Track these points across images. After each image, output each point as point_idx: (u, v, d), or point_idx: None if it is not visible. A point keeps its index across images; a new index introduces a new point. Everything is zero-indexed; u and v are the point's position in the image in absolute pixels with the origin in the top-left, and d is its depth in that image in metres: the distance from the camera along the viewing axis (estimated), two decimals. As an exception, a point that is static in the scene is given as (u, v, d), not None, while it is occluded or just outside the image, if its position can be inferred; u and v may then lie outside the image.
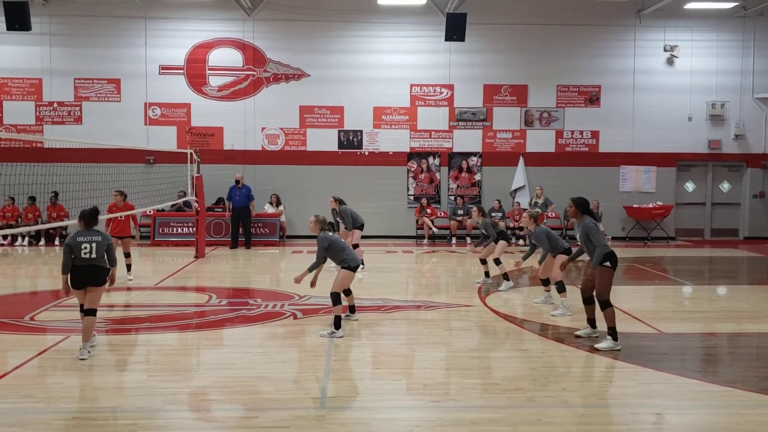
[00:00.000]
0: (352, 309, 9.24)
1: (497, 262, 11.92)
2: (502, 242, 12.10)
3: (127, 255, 12.04)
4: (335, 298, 8.41)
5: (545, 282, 10.35)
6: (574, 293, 9.96)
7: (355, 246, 13.17)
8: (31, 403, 5.92)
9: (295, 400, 6.08)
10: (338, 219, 13.79)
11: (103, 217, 10.27)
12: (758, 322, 9.51)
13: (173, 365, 7.16)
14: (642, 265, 15.16)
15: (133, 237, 12.32)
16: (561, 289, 9.81)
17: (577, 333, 8.39)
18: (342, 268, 8.63)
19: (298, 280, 8.65)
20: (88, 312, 7.37)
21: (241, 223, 17.41)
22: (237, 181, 17.61)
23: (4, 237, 17.54)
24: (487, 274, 12.37)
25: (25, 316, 9.22)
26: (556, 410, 5.84)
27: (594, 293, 8.03)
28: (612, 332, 7.78)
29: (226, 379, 6.71)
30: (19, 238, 17.88)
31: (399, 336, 8.43)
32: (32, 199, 17.66)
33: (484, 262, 12.37)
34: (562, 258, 9.75)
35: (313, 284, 8.89)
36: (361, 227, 13.73)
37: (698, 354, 8.07)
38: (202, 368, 7.20)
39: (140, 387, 6.39)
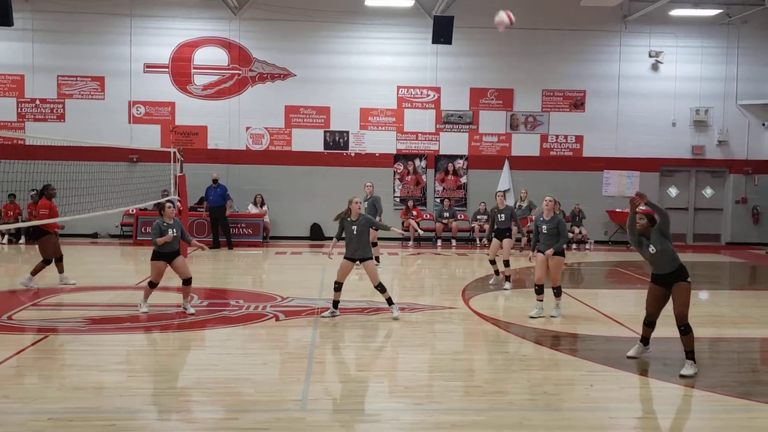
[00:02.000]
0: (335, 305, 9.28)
1: (507, 263, 12.03)
2: (507, 240, 12.20)
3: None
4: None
5: (539, 290, 9.87)
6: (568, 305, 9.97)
7: (374, 244, 13.14)
8: (7, 404, 5.83)
9: (276, 402, 6.03)
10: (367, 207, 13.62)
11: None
12: (739, 327, 9.59)
13: (153, 366, 7.09)
14: (624, 269, 15.23)
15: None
16: (557, 293, 9.82)
17: (629, 353, 7.74)
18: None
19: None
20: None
21: (219, 224, 17.24)
22: (214, 181, 17.47)
23: (-16, 234, 17.32)
24: (497, 272, 12.44)
25: (3, 315, 9.09)
26: (537, 413, 5.83)
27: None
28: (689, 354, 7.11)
29: (206, 381, 6.65)
30: (-1, 236, 17.67)
31: (382, 338, 8.40)
32: (12, 196, 17.45)
33: (493, 261, 12.43)
34: (550, 256, 9.81)
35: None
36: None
37: (679, 358, 8.08)
38: (182, 369, 7.13)
39: (119, 387, 6.31)
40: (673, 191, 20.93)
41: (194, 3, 18.98)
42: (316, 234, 19.34)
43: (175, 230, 9.31)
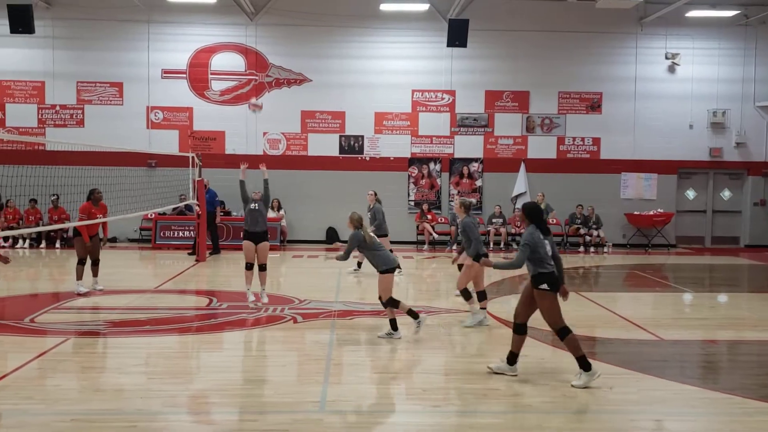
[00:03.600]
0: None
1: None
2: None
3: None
4: (391, 302, 8.36)
5: (466, 295, 9.47)
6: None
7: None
8: (30, 405, 5.91)
9: (294, 404, 6.07)
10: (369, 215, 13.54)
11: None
12: (759, 330, 9.50)
13: (173, 368, 7.16)
14: (642, 272, 15.15)
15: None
16: (467, 296, 9.44)
17: (490, 366, 7.17)
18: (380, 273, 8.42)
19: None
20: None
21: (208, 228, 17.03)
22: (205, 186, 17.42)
23: (5, 239, 17.56)
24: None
25: (26, 318, 9.21)
26: (555, 416, 5.83)
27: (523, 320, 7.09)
28: (580, 361, 6.67)
29: (225, 382, 6.71)
30: (20, 240, 17.89)
31: (399, 341, 8.41)
32: (33, 201, 17.67)
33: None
34: (477, 266, 9.31)
35: None
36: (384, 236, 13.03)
37: (698, 361, 8.06)
38: (201, 371, 7.20)
39: (140, 389, 6.39)
40: (690, 194, 20.77)
41: (211, 9, 19.14)
42: (332, 238, 19.40)
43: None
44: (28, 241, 17.90)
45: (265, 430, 5.45)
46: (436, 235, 18.78)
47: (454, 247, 14.48)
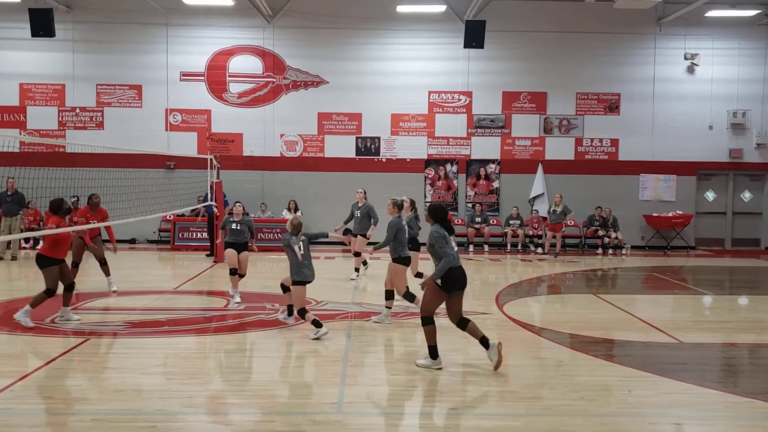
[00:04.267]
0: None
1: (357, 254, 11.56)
2: (415, 253, 11.03)
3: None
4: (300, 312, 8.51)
5: (389, 295, 9.45)
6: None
7: (357, 254, 13.05)
8: (51, 405, 5.99)
9: (311, 405, 6.09)
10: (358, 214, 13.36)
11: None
12: (780, 333, 9.38)
13: (191, 368, 7.21)
14: (661, 274, 15.03)
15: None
16: (410, 298, 9.47)
17: (418, 362, 7.36)
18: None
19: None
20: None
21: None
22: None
23: (27, 240, 17.76)
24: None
25: (46, 318, 9.31)
26: (574, 419, 5.80)
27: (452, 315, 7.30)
28: (431, 350, 7.16)
29: (243, 383, 6.75)
30: (41, 242, 18.05)
31: (415, 342, 8.41)
32: (54, 203, 17.83)
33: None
34: (397, 267, 9.38)
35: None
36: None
37: (719, 364, 7.98)
38: (219, 372, 7.24)
39: (159, 390, 6.44)
40: (710, 195, 20.57)
41: (229, 12, 19.26)
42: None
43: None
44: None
45: (282, 431, 5.47)
46: (452, 237, 18.68)
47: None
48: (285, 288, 9.02)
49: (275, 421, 5.66)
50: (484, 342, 7.19)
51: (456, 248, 7.15)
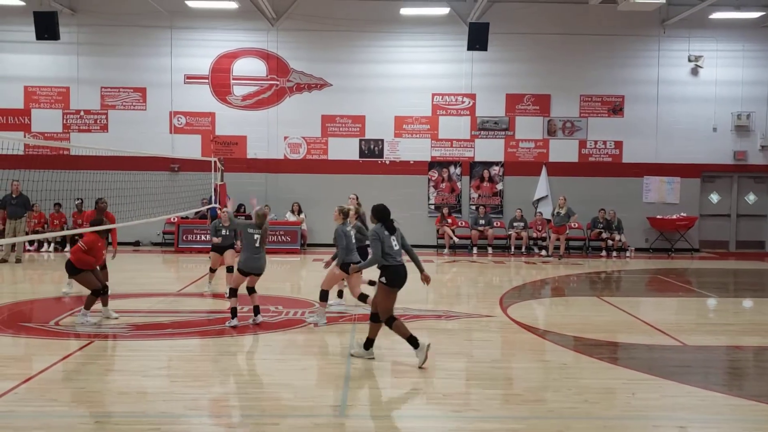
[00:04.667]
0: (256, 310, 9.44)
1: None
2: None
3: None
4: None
5: (323, 296, 9.38)
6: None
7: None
8: (55, 407, 6.00)
9: (315, 408, 6.09)
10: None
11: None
12: (785, 335, 9.35)
13: (195, 371, 7.21)
14: (665, 277, 15.00)
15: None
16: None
17: (351, 352, 7.80)
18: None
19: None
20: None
21: None
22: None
23: (31, 243, 17.80)
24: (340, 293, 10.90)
25: (51, 320, 9.34)
26: (577, 422, 5.79)
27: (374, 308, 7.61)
28: (367, 342, 7.63)
29: (246, 386, 6.76)
30: (45, 244, 18.13)
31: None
32: (58, 205, 17.91)
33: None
34: (336, 272, 9.26)
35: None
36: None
37: (723, 367, 7.96)
38: (223, 374, 7.24)
39: (162, 392, 6.45)
40: (714, 197, 20.53)
41: (232, 15, 19.31)
42: (353, 241, 19.41)
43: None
44: (53, 244, 18.14)
45: (286, 433, 5.48)
46: (456, 239, 18.73)
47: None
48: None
49: (278, 424, 5.66)
50: (413, 341, 7.39)
51: (396, 247, 7.45)
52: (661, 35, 19.74)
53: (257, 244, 9.07)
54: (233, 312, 9.12)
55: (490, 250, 18.82)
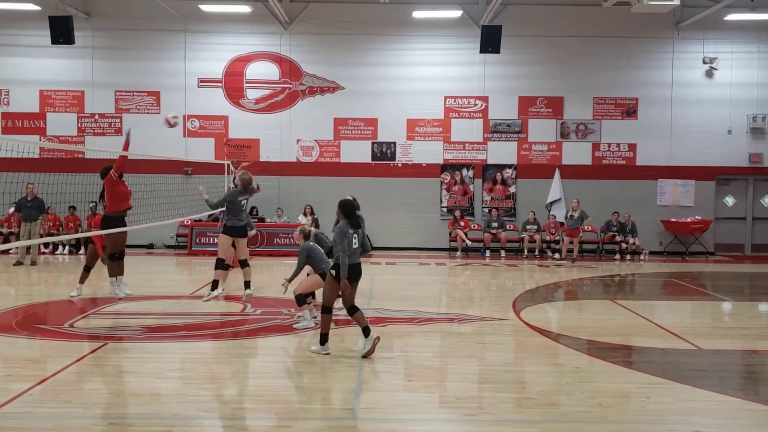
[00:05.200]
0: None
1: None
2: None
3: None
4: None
5: (300, 300, 9.20)
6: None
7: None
8: (69, 409, 6.02)
9: (327, 410, 6.09)
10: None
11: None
12: (802, 339, 9.25)
13: (208, 373, 7.23)
14: (680, 280, 14.89)
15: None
16: (300, 302, 9.28)
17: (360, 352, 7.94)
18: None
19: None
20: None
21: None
22: None
23: (46, 245, 17.94)
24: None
25: (65, 323, 9.39)
26: (591, 426, 5.75)
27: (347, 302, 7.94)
28: (322, 337, 7.88)
29: (259, 388, 6.76)
30: (60, 247, 18.27)
31: (432, 348, 8.40)
32: (72, 208, 18.04)
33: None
34: (318, 278, 9.15)
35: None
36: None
37: (739, 371, 7.88)
38: (235, 377, 7.26)
39: (175, 394, 6.47)
40: (729, 200, 20.36)
41: (246, 19, 19.39)
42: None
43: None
44: (67, 247, 18.27)
45: (298, 436, 5.48)
46: (469, 242, 18.69)
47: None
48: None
49: (291, 427, 5.66)
50: (366, 331, 7.83)
51: (357, 245, 7.73)
52: (675, 37, 19.63)
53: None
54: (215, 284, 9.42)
55: (503, 253, 18.77)
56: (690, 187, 19.90)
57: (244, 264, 11.18)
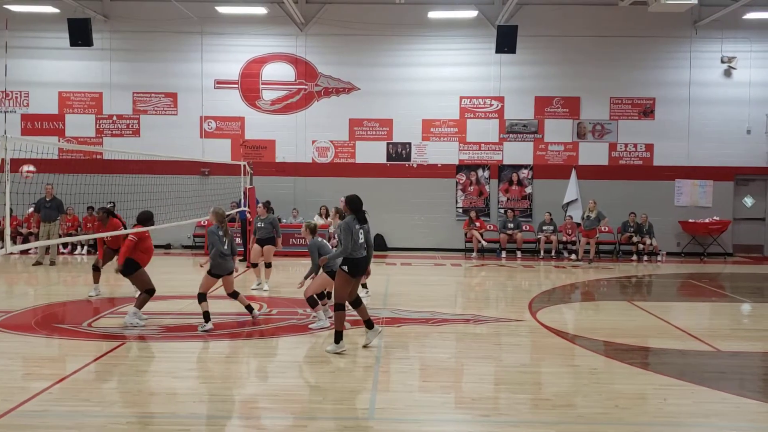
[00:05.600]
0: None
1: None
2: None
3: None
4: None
5: (312, 302, 9.22)
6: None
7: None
8: (87, 407, 6.08)
9: (343, 410, 6.10)
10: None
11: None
12: (822, 342, 9.14)
13: (224, 373, 7.27)
14: (698, 282, 14.76)
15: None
16: (312, 304, 9.28)
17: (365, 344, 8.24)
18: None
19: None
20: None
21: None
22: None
23: (65, 245, 18.11)
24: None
25: (84, 322, 9.48)
26: (608, 427, 5.71)
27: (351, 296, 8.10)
28: (336, 336, 7.95)
29: (275, 388, 6.79)
30: (78, 247, 18.44)
31: (447, 349, 8.38)
32: (91, 209, 18.19)
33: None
34: (325, 277, 9.08)
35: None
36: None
37: (758, 374, 7.80)
38: (252, 376, 7.30)
39: (192, 393, 6.51)
40: (748, 201, 20.14)
41: (262, 20, 19.48)
42: (380, 245, 19.43)
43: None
44: (86, 247, 18.44)
45: (314, 436, 5.49)
46: (485, 243, 18.64)
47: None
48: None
49: (307, 426, 5.68)
50: (369, 324, 8.10)
51: (362, 239, 7.88)
52: (693, 36, 19.46)
53: (226, 246, 9.54)
54: (206, 315, 9.16)
55: (518, 254, 18.69)
56: (708, 188, 19.71)
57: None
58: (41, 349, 8.27)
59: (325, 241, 9.73)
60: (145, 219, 9.81)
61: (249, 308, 9.65)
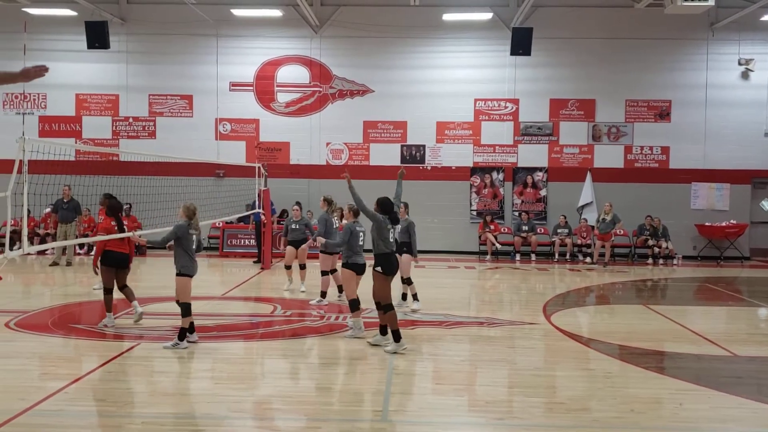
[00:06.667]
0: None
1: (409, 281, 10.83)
2: (406, 255, 10.78)
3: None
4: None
5: (354, 305, 8.88)
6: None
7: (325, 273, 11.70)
8: (103, 407, 6.13)
9: (356, 412, 6.11)
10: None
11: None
12: (841, 347, 9.02)
13: (239, 374, 7.30)
14: (714, 286, 14.63)
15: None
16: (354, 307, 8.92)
17: (368, 340, 8.46)
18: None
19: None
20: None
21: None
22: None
23: (81, 246, 18.26)
24: (404, 296, 11.12)
25: (99, 323, 9.54)
26: (623, 431, 5.68)
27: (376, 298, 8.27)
28: (394, 334, 8.04)
29: (289, 389, 6.81)
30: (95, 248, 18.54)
31: (461, 352, 8.37)
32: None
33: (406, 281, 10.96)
34: (345, 272, 8.95)
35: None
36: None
37: (776, 379, 7.72)
38: (266, 377, 7.32)
39: (206, 394, 6.54)
40: (766, 204, 19.91)
41: (277, 23, 19.55)
42: (395, 247, 19.39)
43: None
44: (101, 248, 18.54)
45: (328, 437, 5.50)
46: (498, 246, 18.58)
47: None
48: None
49: (320, 428, 5.69)
50: (384, 330, 8.28)
51: (392, 239, 8.32)
52: (710, 38, 19.30)
53: (195, 245, 8.87)
54: (190, 328, 8.45)
55: (533, 257, 18.61)
56: (725, 191, 19.54)
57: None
58: (58, 349, 8.35)
59: (357, 226, 9.33)
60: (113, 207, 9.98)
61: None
